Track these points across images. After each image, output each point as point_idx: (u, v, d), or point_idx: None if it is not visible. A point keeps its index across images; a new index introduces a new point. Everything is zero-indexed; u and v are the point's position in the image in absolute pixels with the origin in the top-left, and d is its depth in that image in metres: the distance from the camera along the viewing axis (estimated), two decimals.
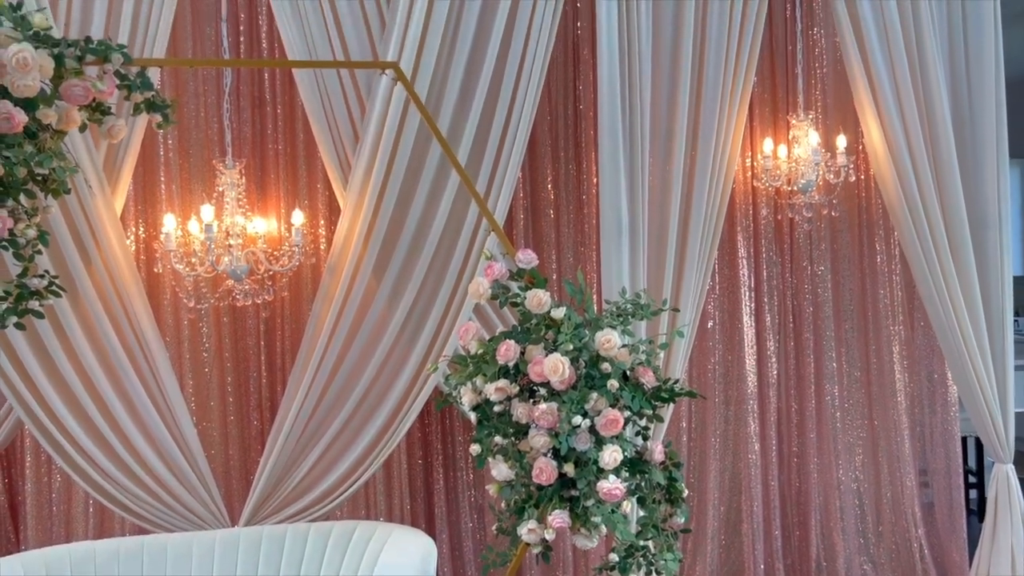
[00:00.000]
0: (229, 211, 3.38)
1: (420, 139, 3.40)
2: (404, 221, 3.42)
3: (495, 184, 3.50)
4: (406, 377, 3.45)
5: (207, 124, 3.67)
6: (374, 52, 3.42)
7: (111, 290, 3.20)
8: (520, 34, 3.47)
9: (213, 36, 3.65)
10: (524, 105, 3.50)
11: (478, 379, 2.77)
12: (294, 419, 3.34)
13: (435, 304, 3.47)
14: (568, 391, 2.67)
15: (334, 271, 3.42)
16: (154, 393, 3.26)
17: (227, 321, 3.68)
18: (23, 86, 2.33)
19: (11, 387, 3.12)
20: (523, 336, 2.81)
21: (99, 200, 3.18)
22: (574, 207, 4.07)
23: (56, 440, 3.18)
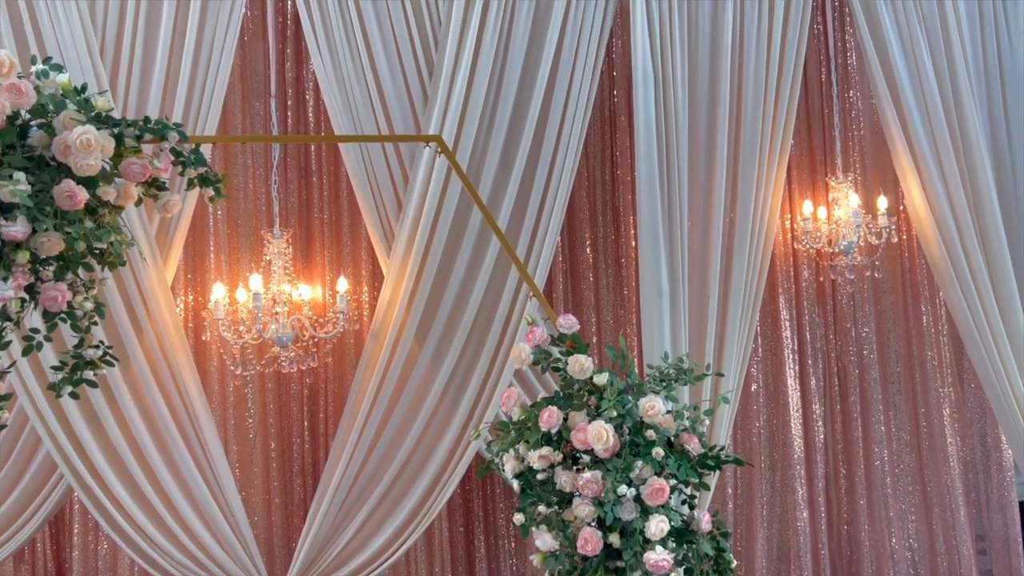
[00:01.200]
0: (276, 279, 3.46)
1: (461, 206, 3.47)
2: (446, 287, 3.47)
3: (535, 249, 3.55)
4: (448, 443, 3.45)
5: (255, 195, 3.78)
6: (417, 123, 3.53)
7: (161, 358, 3.28)
8: (558, 104, 3.56)
9: (262, 111, 3.79)
10: (563, 172, 3.56)
11: (521, 446, 2.77)
12: (336, 486, 3.35)
13: (476, 368, 3.49)
14: (612, 459, 2.66)
15: (377, 336, 3.46)
16: (200, 460, 3.30)
17: (272, 388, 3.73)
18: (86, 165, 2.44)
19: (63, 454, 3.19)
20: (565, 402, 2.80)
21: (152, 271, 3.28)
22: (613, 270, 4.09)
23: (104, 507, 3.22)
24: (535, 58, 3.55)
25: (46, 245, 2.43)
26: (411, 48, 3.52)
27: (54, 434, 3.17)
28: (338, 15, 3.46)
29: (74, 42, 3.23)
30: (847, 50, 4.21)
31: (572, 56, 3.58)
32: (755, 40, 3.74)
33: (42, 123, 2.48)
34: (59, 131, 2.47)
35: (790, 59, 3.76)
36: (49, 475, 3.27)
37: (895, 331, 4.22)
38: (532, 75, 3.54)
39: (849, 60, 4.21)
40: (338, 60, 3.48)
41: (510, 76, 3.53)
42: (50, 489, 3.28)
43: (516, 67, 3.53)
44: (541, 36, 3.56)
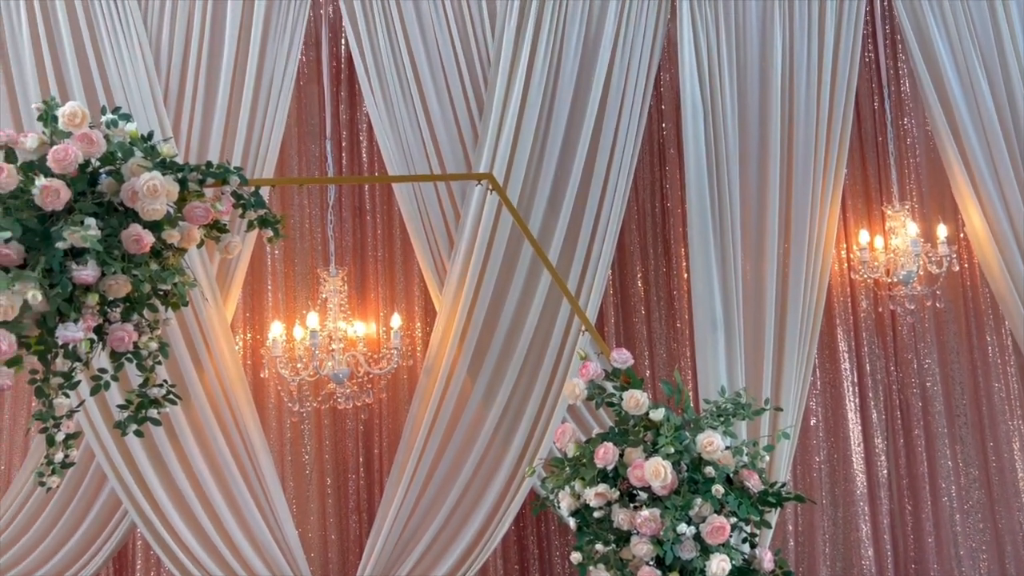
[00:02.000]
0: (332, 317, 3.51)
1: (512, 242, 3.50)
2: (497, 322, 3.49)
3: (586, 282, 3.55)
4: (501, 479, 3.44)
5: (311, 235, 3.86)
6: (468, 161, 3.57)
7: (221, 396, 3.35)
8: (607, 138, 3.58)
9: (318, 153, 3.88)
10: (613, 205, 3.58)
11: (576, 483, 2.74)
12: (392, 523, 3.35)
13: (529, 404, 3.49)
14: (671, 496, 2.61)
15: (430, 372, 3.48)
16: (259, 497, 3.34)
17: (328, 424, 3.78)
18: (152, 210, 2.52)
19: (127, 491, 3.26)
20: (621, 438, 2.77)
21: (212, 310, 3.36)
22: (665, 303, 4.06)
23: (165, 542, 3.28)
24: (583, 93, 3.59)
25: (114, 287, 2.51)
26: (461, 88, 3.59)
27: (119, 471, 3.25)
28: (390, 57, 3.54)
29: (140, 91, 3.36)
30: (900, 77, 4.16)
31: (620, 91, 3.61)
32: (806, 70, 3.72)
33: (111, 170, 2.58)
34: (127, 178, 2.56)
35: (842, 88, 3.73)
36: (114, 511, 3.34)
37: (959, 362, 4.09)
38: (581, 110, 3.57)
39: (903, 87, 4.15)
40: (391, 102, 3.55)
41: (559, 112, 3.56)
42: (115, 525, 3.35)
43: (565, 103, 3.57)
44: (589, 72, 3.60)
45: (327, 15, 3.80)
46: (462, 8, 3.59)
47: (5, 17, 3.34)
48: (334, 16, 3.80)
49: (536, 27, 3.56)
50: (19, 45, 3.32)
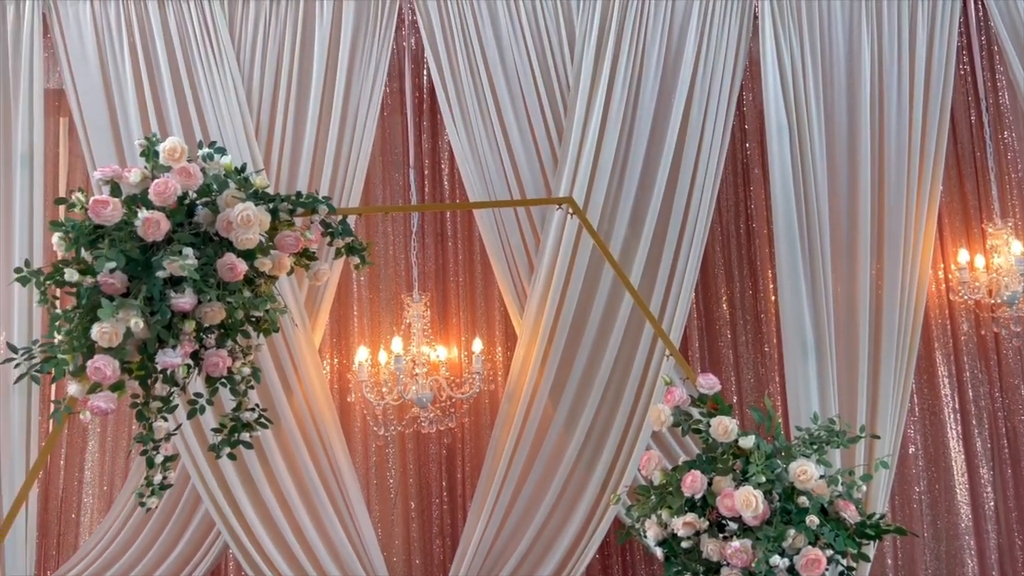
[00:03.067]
0: (415, 341, 3.55)
1: (592, 266, 3.49)
2: (578, 346, 3.47)
3: (669, 306, 3.50)
4: (585, 506, 3.40)
5: (395, 261, 3.93)
6: (547, 186, 3.58)
7: (309, 419, 3.42)
8: (689, 159, 3.54)
9: (401, 182, 3.96)
10: (696, 226, 3.53)
11: (663, 512, 2.68)
12: (475, 550, 3.35)
13: (612, 430, 3.44)
14: (763, 527, 2.54)
15: (512, 398, 3.48)
16: (345, 520, 3.39)
17: (411, 448, 3.81)
18: (246, 239, 2.61)
19: (220, 512, 3.35)
20: (709, 466, 2.70)
21: (301, 336, 3.45)
22: (752, 327, 3.96)
23: (256, 563, 3.35)
24: (664, 115, 3.56)
25: (210, 314, 2.60)
26: (541, 113, 3.61)
27: (212, 493, 3.34)
28: (471, 85, 3.60)
29: (233, 125, 3.50)
30: (998, 89, 3.99)
31: (702, 111, 3.57)
32: (896, 84, 3.61)
33: (207, 201, 2.69)
34: (222, 208, 2.66)
35: (935, 102, 3.60)
36: (208, 532, 3.44)
37: None
38: (661, 132, 3.55)
39: (1001, 99, 3.98)
40: (471, 129, 3.60)
41: (639, 134, 3.55)
42: (208, 545, 3.44)
43: (645, 125, 3.55)
44: (670, 93, 3.57)
45: (409, 47, 3.89)
46: (541, 35, 3.62)
47: (110, 59, 3.54)
48: (416, 48, 3.89)
49: (615, 50, 3.56)
50: (123, 84, 3.51)
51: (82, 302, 2.54)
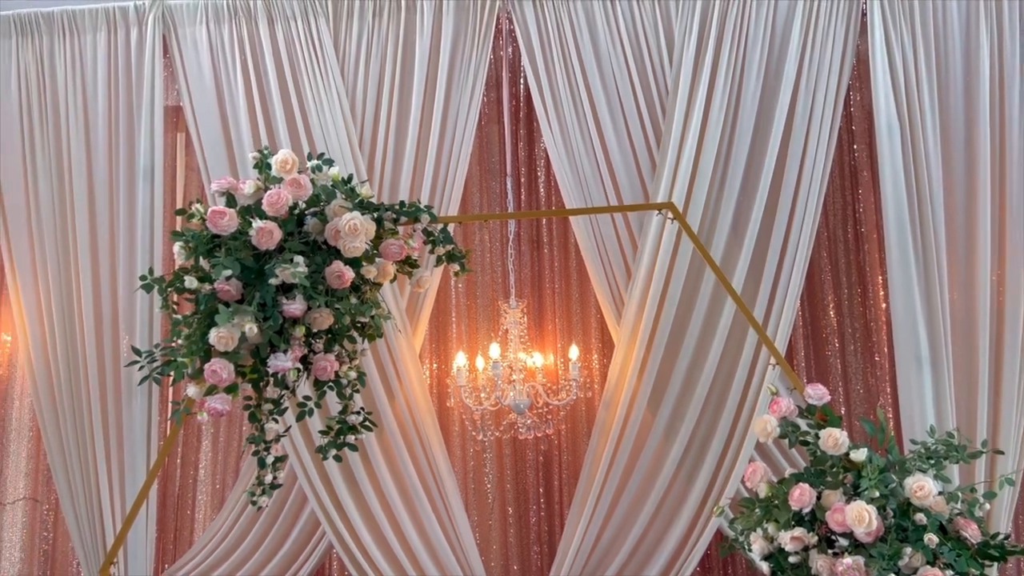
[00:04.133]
0: (512, 348, 3.57)
1: (692, 273, 3.43)
2: (678, 355, 3.41)
3: (773, 313, 3.40)
4: (686, 518, 3.34)
5: (492, 268, 3.97)
6: (645, 192, 3.55)
7: (410, 423, 3.48)
8: (794, 162, 3.44)
9: (498, 190, 4.00)
10: (802, 231, 3.43)
11: (770, 526, 2.61)
12: (573, 558, 3.34)
13: (713, 440, 3.37)
14: (876, 544, 2.44)
15: (609, 406, 3.45)
16: (445, 524, 3.43)
17: (508, 454, 3.83)
18: (353, 247, 2.70)
19: (325, 513, 3.45)
20: (817, 479, 2.62)
21: (403, 341, 3.52)
22: (861, 335, 3.81)
23: (359, 563, 3.43)
24: (767, 117, 3.47)
25: (318, 320, 2.70)
26: (639, 118, 3.58)
27: (318, 494, 3.45)
28: (567, 92, 3.60)
29: (338, 137, 3.61)
30: None
31: (807, 113, 3.46)
32: (1018, 78, 3.41)
33: (316, 211, 2.79)
34: (330, 218, 2.75)
35: None
36: (313, 532, 3.54)
37: None
38: (764, 134, 3.46)
39: None
40: (568, 135, 3.60)
41: (741, 137, 3.47)
42: (313, 546, 3.55)
43: (747, 127, 3.47)
44: (773, 94, 3.48)
45: (506, 56, 3.93)
46: (639, 38, 3.59)
47: (223, 77, 3.71)
48: (513, 56, 3.93)
49: (716, 51, 3.49)
50: (235, 100, 3.68)
51: (200, 308, 2.68)
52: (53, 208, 3.72)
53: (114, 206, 3.70)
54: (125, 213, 3.68)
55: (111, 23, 3.77)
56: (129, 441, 3.56)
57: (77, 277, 3.67)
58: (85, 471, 3.58)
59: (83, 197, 3.71)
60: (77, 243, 3.68)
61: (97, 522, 3.55)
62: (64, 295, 3.67)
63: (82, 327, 3.64)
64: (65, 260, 3.69)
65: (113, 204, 3.70)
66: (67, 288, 3.68)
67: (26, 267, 3.72)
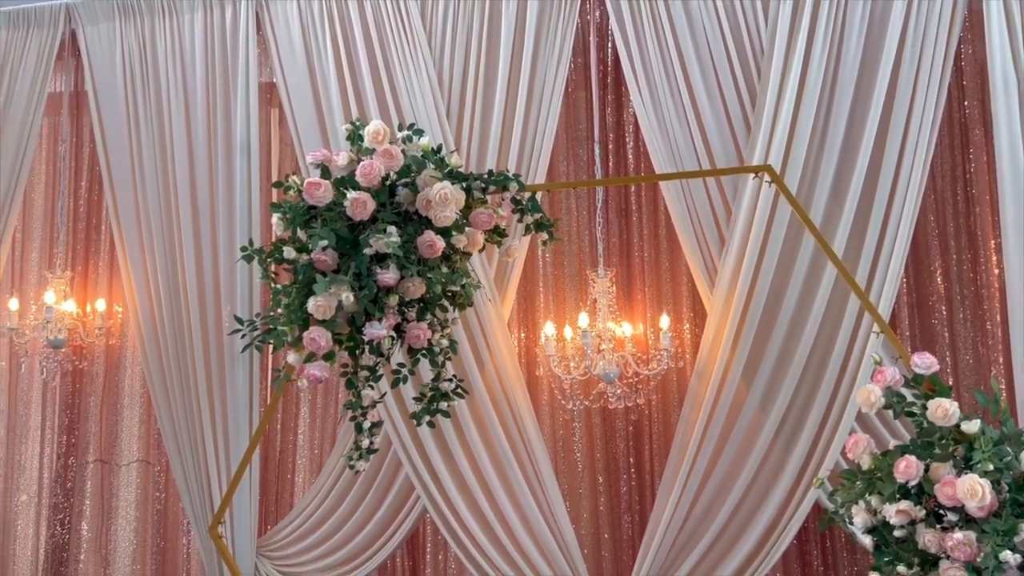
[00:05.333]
0: (601, 317, 3.54)
1: (790, 237, 3.32)
2: (775, 323, 3.32)
3: (876, 279, 3.27)
4: (782, 490, 3.27)
5: (579, 237, 3.94)
6: (739, 155, 3.44)
7: (500, 392, 3.51)
8: (899, 121, 3.28)
9: (585, 157, 3.95)
10: (907, 194, 3.27)
11: (873, 498, 2.53)
12: (666, 527, 3.31)
13: (811, 411, 3.27)
14: (989, 519, 2.34)
15: (702, 375, 3.39)
16: (536, 490, 3.46)
17: (598, 423, 3.82)
18: (443, 217, 2.72)
19: (419, 479, 3.53)
20: (924, 451, 2.52)
21: (491, 310, 3.54)
22: (971, 303, 3.61)
23: (452, 527, 3.50)
24: (870, 73, 3.30)
25: (411, 289, 2.74)
26: (732, 79, 3.46)
27: (412, 460, 3.52)
28: (658, 55, 3.51)
29: (426, 108, 3.63)
30: None
31: (914, 68, 3.28)
32: None
33: (407, 182, 2.82)
34: (421, 188, 2.78)
35: None
36: (407, 497, 3.62)
37: None
38: (867, 92, 3.29)
39: None
40: (658, 99, 3.52)
41: (842, 96, 3.32)
42: (408, 511, 3.63)
43: (848, 85, 3.32)
44: (876, 49, 3.31)
45: (594, 20, 3.86)
46: None
47: (315, 52, 3.77)
48: (601, 20, 3.85)
49: (815, 7, 3.34)
50: (326, 74, 3.74)
51: (298, 278, 2.75)
52: (157, 184, 3.88)
53: (213, 181, 3.83)
54: (224, 187, 3.81)
55: (207, 3, 3.89)
56: (233, 407, 3.71)
57: (180, 250, 3.83)
58: (192, 436, 3.76)
59: (184, 172, 3.85)
60: (180, 217, 3.83)
61: (204, 484, 3.72)
62: (169, 267, 3.84)
63: (186, 297, 3.80)
64: (169, 233, 3.86)
65: (212, 179, 3.83)
66: (171, 260, 3.84)
67: (134, 240, 3.90)
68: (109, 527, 4.20)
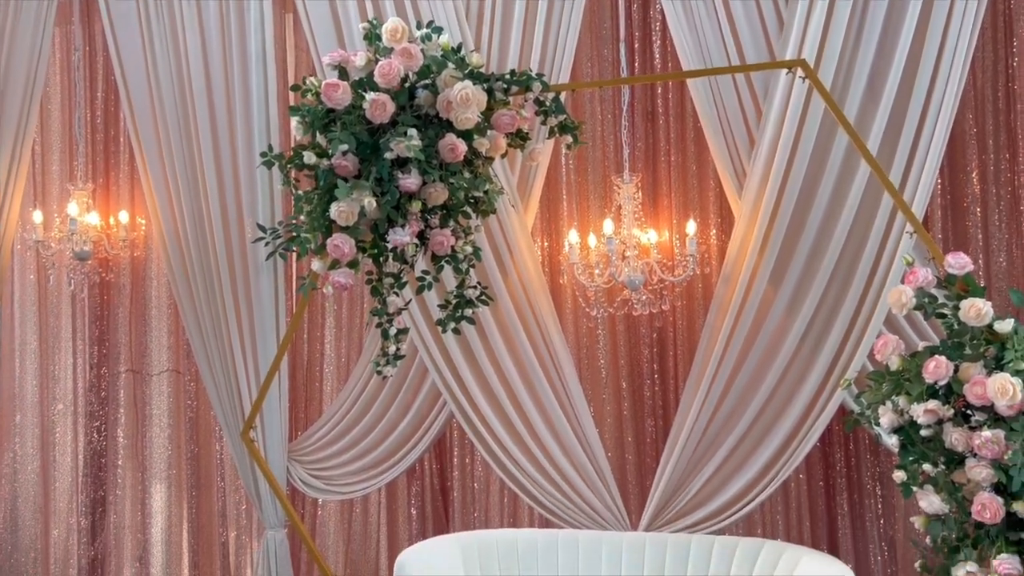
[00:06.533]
0: (626, 224, 3.49)
1: (822, 138, 3.23)
2: (804, 226, 3.26)
3: (911, 179, 3.19)
4: (807, 392, 3.28)
5: (603, 142, 3.85)
6: (770, 52, 3.32)
7: (524, 299, 3.51)
8: (940, 13, 3.13)
9: (610, 58, 3.83)
10: (946, 89, 3.15)
11: (901, 399, 2.52)
12: (690, 430, 3.35)
13: (839, 314, 3.25)
14: (1018, 417, 2.34)
15: (729, 281, 3.36)
16: (560, 394, 3.50)
17: (622, 330, 3.82)
18: (465, 119, 2.65)
19: (445, 384, 3.57)
20: (954, 352, 2.50)
21: (514, 217, 3.50)
22: (1007, 204, 3.52)
23: (479, 431, 3.57)
24: None
25: (433, 195, 2.70)
26: None
27: (438, 366, 3.56)
28: None
29: (444, 7, 3.51)
30: None
31: None
32: None
33: (426, 84, 2.74)
34: (441, 89, 2.71)
35: None
36: (434, 403, 3.68)
37: None
38: None
39: None
40: None
41: None
42: (435, 415, 3.69)
43: None
44: None
45: None
46: None
47: None
48: None
49: None
50: None
51: (320, 184, 2.72)
52: (174, 94, 3.83)
53: (230, 89, 3.77)
54: (240, 96, 3.75)
55: None
56: (259, 315, 3.75)
57: (200, 160, 3.80)
58: (220, 346, 3.81)
59: (200, 81, 3.79)
60: (198, 127, 3.79)
61: (235, 392, 3.80)
62: (189, 177, 3.82)
63: (208, 208, 3.79)
64: (188, 144, 3.82)
65: (229, 87, 3.77)
66: (191, 171, 3.82)
67: (153, 152, 3.88)
68: (144, 434, 4.33)
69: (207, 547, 4.26)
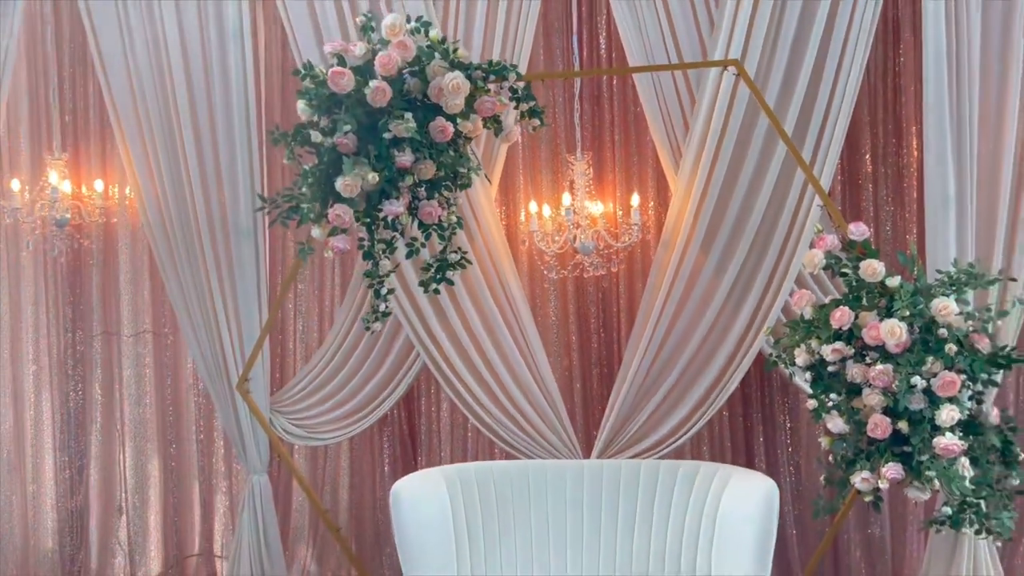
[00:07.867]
0: (579, 197, 3.96)
1: (745, 124, 3.71)
2: (730, 199, 3.76)
3: (819, 157, 3.70)
4: (732, 341, 3.82)
5: (555, 123, 4.29)
6: (703, 47, 3.81)
7: (489, 262, 3.94)
8: (843, 19, 3.65)
9: (562, 47, 4.26)
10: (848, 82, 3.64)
11: (813, 342, 3.05)
12: (634, 374, 3.86)
13: (759, 276, 3.78)
14: (903, 354, 2.85)
15: (667, 245, 3.86)
16: (520, 344, 3.94)
17: (572, 290, 4.31)
18: (454, 104, 3.04)
19: (418, 339, 3.97)
20: (855, 303, 3.02)
21: (480, 190, 3.91)
22: (893, 181, 4.16)
23: (449, 379, 3.99)
24: None
25: (423, 171, 3.09)
26: None
27: (412, 322, 3.95)
28: None
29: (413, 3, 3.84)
30: None
31: None
32: None
33: (414, 71, 3.10)
34: (430, 77, 3.07)
35: None
36: (406, 357, 4.08)
37: None
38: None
39: None
40: None
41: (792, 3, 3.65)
42: (407, 369, 4.09)
43: None
44: None
45: None
46: None
47: None
48: None
49: None
50: None
51: (322, 160, 3.06)
52: (151, 65, 3.99)
53: (207, 59, 3.96)
54: (219, 78, 3.97)
55: None
56: (240, 278, 4.01)
57: (180, 137, 4.00)
58: (204, 308, 4.06)
59: (179, 59, 3.98)
60: (177, 105, 3.98)
61: (219, 350, 4.06)
62: (169, 148, 4.01)
63: (188, 176, 4.01)
64: (168, 122, 4.01)
65: (206, 56, 3.96)
66: (171, 142, 4.01)
67: (131, 123, 4.04)
68: (121, 393, 4.55)
69: (187, 498, 4.56)
